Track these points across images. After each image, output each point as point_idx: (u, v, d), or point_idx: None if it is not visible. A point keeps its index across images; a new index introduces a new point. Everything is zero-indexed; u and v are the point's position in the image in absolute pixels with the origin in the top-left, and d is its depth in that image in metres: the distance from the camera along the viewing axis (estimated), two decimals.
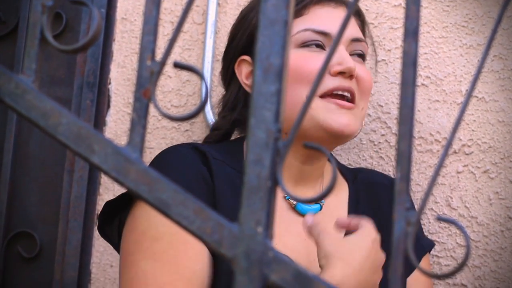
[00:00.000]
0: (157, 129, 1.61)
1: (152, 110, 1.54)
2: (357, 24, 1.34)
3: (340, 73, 1.22)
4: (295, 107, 1.17)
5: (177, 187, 0.54)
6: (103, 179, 1.60)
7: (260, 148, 0.53)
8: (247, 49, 1.32)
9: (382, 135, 1.52)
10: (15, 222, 1.60)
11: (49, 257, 1.56)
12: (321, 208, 1.28)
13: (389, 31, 1.56)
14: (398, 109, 0.55)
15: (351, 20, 1.30)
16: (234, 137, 1.41)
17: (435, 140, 1.50)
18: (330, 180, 0.52)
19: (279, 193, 1.25)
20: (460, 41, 1.53)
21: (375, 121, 1.53)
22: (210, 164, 1.21)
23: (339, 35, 0.56)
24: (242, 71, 1.33)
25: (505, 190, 1.46)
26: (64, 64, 1.65)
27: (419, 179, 1.50)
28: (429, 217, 1.48)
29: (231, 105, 1.35)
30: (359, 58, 1.30)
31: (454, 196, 1.48)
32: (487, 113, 1.49)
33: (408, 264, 0.53)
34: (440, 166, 0.56)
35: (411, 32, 0.56)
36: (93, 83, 1.60)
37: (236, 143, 1.33)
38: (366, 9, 1.57)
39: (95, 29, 0.57)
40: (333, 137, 1.22)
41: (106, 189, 1.60)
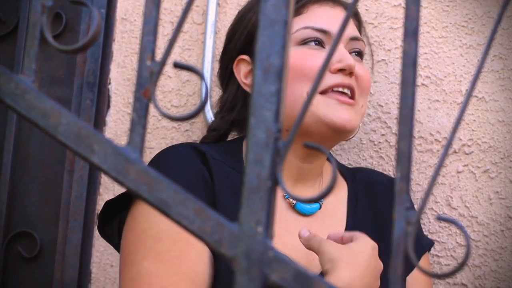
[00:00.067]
0: (157, 129, 1.61)
1: (152, 110, 1.54)
2: (355, 24, 1.35)
3: (340, 71, 1.24)
4: (296, 104, 1.19)
5: (177, 187, 0.54)
6: (103, 179, 1.60)
7: (260, 148, 0.53)
8: (246, 49, 1.32)
9: (382, 135, 1.52)
10: (15, 222, 1.60)
11: (49, 257, 1.56)
12: (320, 207, 1.29)
13: (389, 31, 1.56)
14: (398, 109, 0.55)
15: (349, 20, 1.31)
16: (232, 137, 1.42)
17: (435, 140, 1.50)
18: (330, 180, 0.52)
19: (279, 192, 1.25)
20: (460, 41, 1.53)
21: (375, 121, 1.53)
22: (210, 164, 1.21)
23: (341, 32, 0.56)
24: (241, 71, 1.33)
25: (505, 190, 1.46)
26: (64, 64, 1.65)
27: (419, 179, 1.50)
28: (429, 217, 1.48)
29: (230, 105, 1.35)
30: (357, 57, 1.32)
31: (454, 196, 1.48)
32: (487, 113, 1.49)
33: (408, 263, 0.53)
34: (440, 166, 0.56)
35: (411, 32, 0.56)
36: (93, 83, 1.60)
37: (235, 143, 1.33)
38: (366, 9, 1.57)
39: (95, 29, 0.57)
40: (335, 133, 1.23)
41: (106, 189, 1.60)
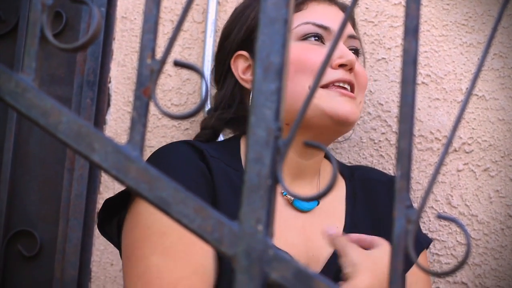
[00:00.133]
0: (157, 128, 1.61)
1: (152, 109, 1.54)
2: (350, 23, 1.38)
3: (341, 66, 1.26)
4: (298, 98, 1.21)
5: (177, 186, 0.54)
6: (104, 178, 1.60)
7: (261, 147, 0.53)
8: (244, 44, 1.33)
9: (382, 134, 1.52)
10: (15, 221, 1.59)
11: (50, 256, 1.56)
12: (318, 204, 1.30)
13: (389, 30, 1.56)
14: (399, 107, 0.55)
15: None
16: (226, 136, 1.42)
17: (435, 139, 1.50)
18: (331, 178, 0.52)
19: (277, 189, 1.26)
20: (460, 40, 1.53)
21: (375, 120, 1.53)
22: (208, 161, 1.21)
23: (342, 27, 0.56)
24: (239, 66, 1.33)
25: (505, 188, 1.46)
26: (64, 63, 1.65)
27: (419, 178, 1.50)
28: (429, 215, 1.48)
29: (228, 102, 1.35)
30: (354, 54, 1.32)
31: (455, 194, 1.48)
32: (487, 111, 1.49)
33: (407, 260, 0.53)
34: (440, 164, 0.56)
35: (412, 30, 0.56)
36: (93, 82, 1.60)
37: (232, 142, 1.33)
38: (366, 7, 1.57)
39: (95, 28, 0.57)
40: (338, 124, 1.24)
41: (106, 188, 1.60)
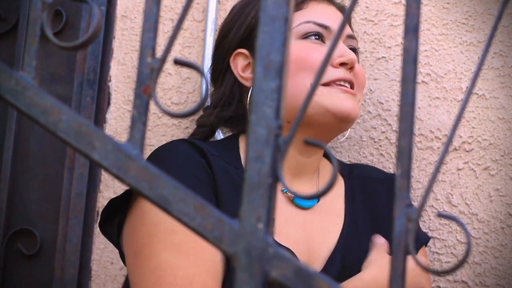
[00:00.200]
0: (157, 127, 1.61)
1: (153, 108, 1.54)
2: (348, 23, 1.39)
3: (342, 65, 1.27)
4: (299, 96, 1.22)
5: (178, 184, 0.54)
6: (104, 176, 1.60)
7: (261, 145, 0.53)
8: (244, 43, 1.33)
9: (383, 132, 1.52)
10: (15, 220, 1.59)
11: (50, 255, 1.56)
12: (318, 201, 1.31)
13: (389, 29, 1.56)
14: (399, 106, 0.55)
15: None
16: (223, 135, 1.43)
17: (436, 137, 1.50)
18: (331, 177, 0.52)
19: (277, 186, 1.26)
20: (461, 38, 1.53)
21: (376, 118, 1.53)
22: (209, 159, 1.21)
23: (343, 26, 0.56)
24: (238, 64, 1.33)
25: (506, 187, 1.46)
26: (64, 62, 1.65)
27: (420, 176, 1.50)
28: (430, 214, 1.48)
29: (227, 100, 1.34)
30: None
31: (455, 193, 1.48)
32: (488, 110, 1.49)
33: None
34: (441, 163, 0.56)
35: (412, 29, 0.56)
36: (93, 81, 1.59)
37: (230, 140, 1.33)
38: (367, 6, 1.57)
39: (95, 26, 0.57)
40: (340, 121, 1.25)
41: (107, 186, 1.60)
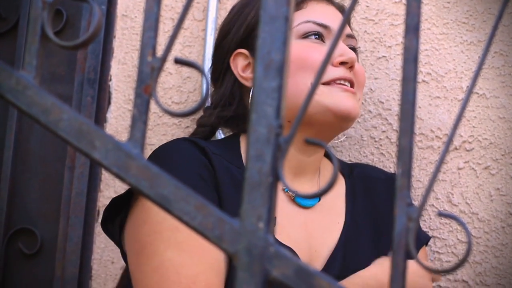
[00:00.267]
0: (158, 126, 1.61)
1: (153, 107, 1.54)
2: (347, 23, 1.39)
3: (342, 64, 1.28)
4: (299, 95, 1.22)
5: (178, 183, 0.54)
6: (104, 176, 1.60)
7: (261, 144, 0.53)
8: (244, 43, 1.33)
9: (383, 132, 1.52)
10: (16, 219, 1.60)
11: (50, 254, 1.56)
12: (319, 200, 1.31)
13: (390, 28, 1.56)
14: (399, 105, 0.55)
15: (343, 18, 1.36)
16: (223, 135, 1.43)
17: (436, 137, 1.50)
18: (332, 176, 0.52)
19: (279, 185, 1.27)
20: (461, 38, 1.52)
21: (376, 118, 1.53)
22: (210, 158, 1.21)
23: (343, 25, 0.56)
24: (238, 64, 1.33)
25: (506, 187, 1.46)
26: (65, 61, 1.65)
27: (420, 176, 1.50)
28: (430, 213, 1.48)
29: (227, 100, 1.35)
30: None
31: (455, 193, 1.48)
32: (488, 110, 1.49)
33: (408, 258, 0.54)
34: (441, 163, 0.56)
35: (412, 28, 0.56)
36: (94, 80, 1.59)
37: (231, 139, 1.33)
38: (367, 6, 1.57)
39: (96, 26, 0.57)
40: (340, 120, 1.26)
41: (107, 186, 1.60)
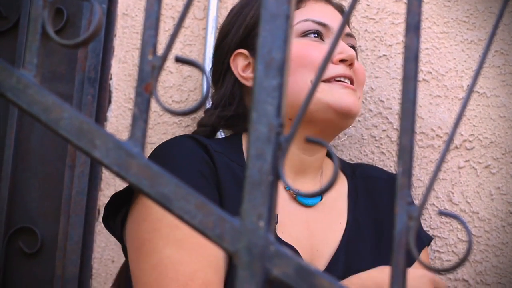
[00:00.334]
0: (158, 125, 1.61)
1: (154, 106, 1.54)
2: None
3: (342, 61, 1.29)
4: (300, 93, 1.23)
5: (179, 182, 0.54)
6: (105, 174, 1.60)
7: (262, 143, 0.53)
8: (243, 43, 1.33)
9: (384, 131, 1.52)
10: (16, 218, 1.60)
11: (50, 253, 1.56)
12: (321, 199, 1.31)
13: (390, 27, 1.56)
14: (400, 104, 0.55)
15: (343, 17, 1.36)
16: (224, 135, 1.43)
17: (437, 136, 1.50)
18: (333, 174, 0.52)
19: (280, 184, 1.27)
20: (462, 36, 1.52)
21: (377, 117, 1.53)
22: (212, 155, 1.21)
23: (344, 23, 0.56)
24: (238, 64, 1.33)
25: (507, 185, 1.46)
26: (65, 60, 1.65)
27: (421, 174, 1.50)
28: (430, 212, 1.48)
29: (228, 100, 1.35)
30: None
31: (456, 191, 1.47)
32: (489, 108, 1.49)
33: (408, 258, 0.54)
34: (442, 161, 0.56)
35: (413, 27, 0.56)
36: (94, 79, 1.59)
37: (233, 138, 1.33)
38: (368, 4, 1.57)
39: (96, 24, 0.57)
40: (341, 117, 1.26)
41: (108, 184, 1.60)
